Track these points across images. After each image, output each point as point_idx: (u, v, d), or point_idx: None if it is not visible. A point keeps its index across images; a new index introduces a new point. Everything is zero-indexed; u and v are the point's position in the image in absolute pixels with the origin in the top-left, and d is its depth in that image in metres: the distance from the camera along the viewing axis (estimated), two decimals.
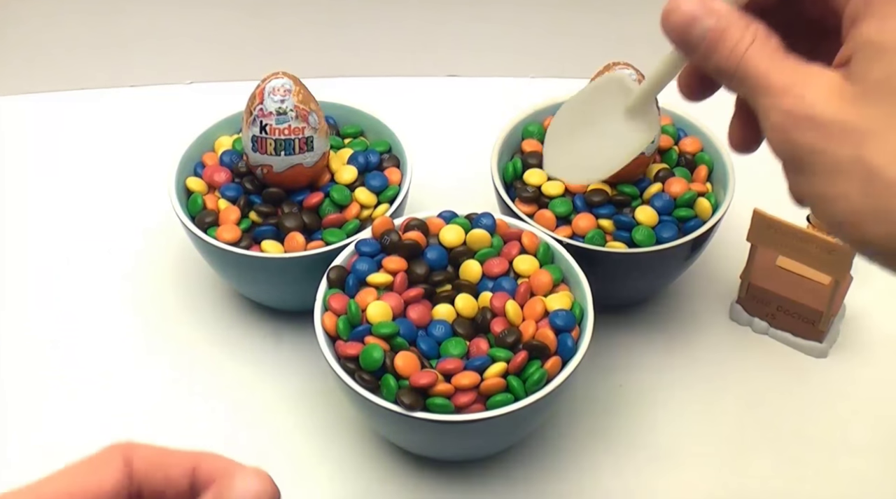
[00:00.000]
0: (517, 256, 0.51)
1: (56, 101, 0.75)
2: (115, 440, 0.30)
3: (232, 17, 0.74)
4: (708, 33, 0.32)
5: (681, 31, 0.32)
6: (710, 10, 0.32)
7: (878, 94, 0.28)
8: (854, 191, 0.29)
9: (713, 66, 0.32)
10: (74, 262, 0.63)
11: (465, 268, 0.51)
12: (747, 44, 0.31)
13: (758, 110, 0.31)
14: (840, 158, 0.29)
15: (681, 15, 0.32)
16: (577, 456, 0.53)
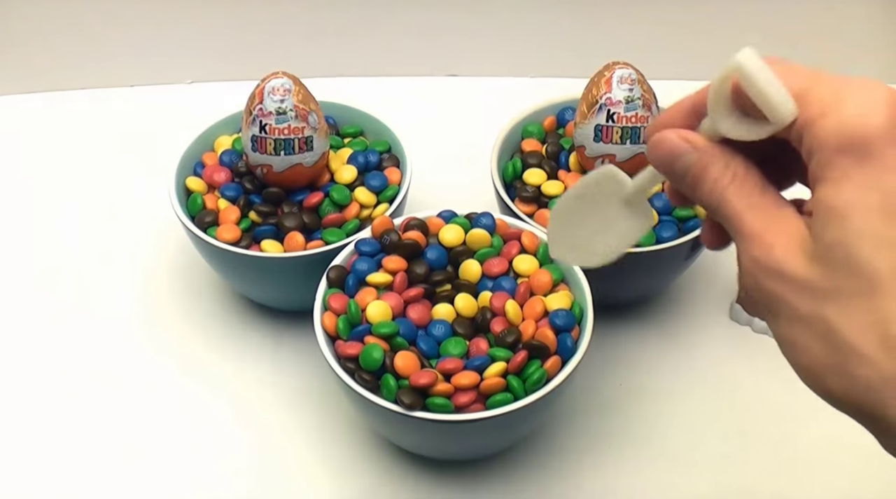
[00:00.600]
0: (517, 256, 0.51)
1: (56, 101, 0.75)
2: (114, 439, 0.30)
3: (232, 17, 0.74)
4: (690, 168, 0.33)
5: (666, 163, 0.34)
6: (693, 146, 0.33)
7: (831, 257, 0.29)
8: (815, 345, 0.30)
9: (697, 198, 0.33)
10: (74, 262, 0.63)
11: (465, 268, 0.51)
12: (726, 183, 0.32)
13: (735, 244, 0.33)
14: (803, 312, 0.30)
15: (665, 149, 0.33)
16: (577, 456, 0.53)
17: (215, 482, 0.52)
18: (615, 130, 0.54)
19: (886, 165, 0.29)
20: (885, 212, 0.28)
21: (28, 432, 0.54)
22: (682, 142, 0.33)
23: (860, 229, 0.29)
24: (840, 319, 0.29)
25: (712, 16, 0.75)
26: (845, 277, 0.29)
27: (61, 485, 0.52)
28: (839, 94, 0.30)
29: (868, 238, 0.28)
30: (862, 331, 0.28)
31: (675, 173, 0.33)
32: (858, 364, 0.28)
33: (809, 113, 0.30)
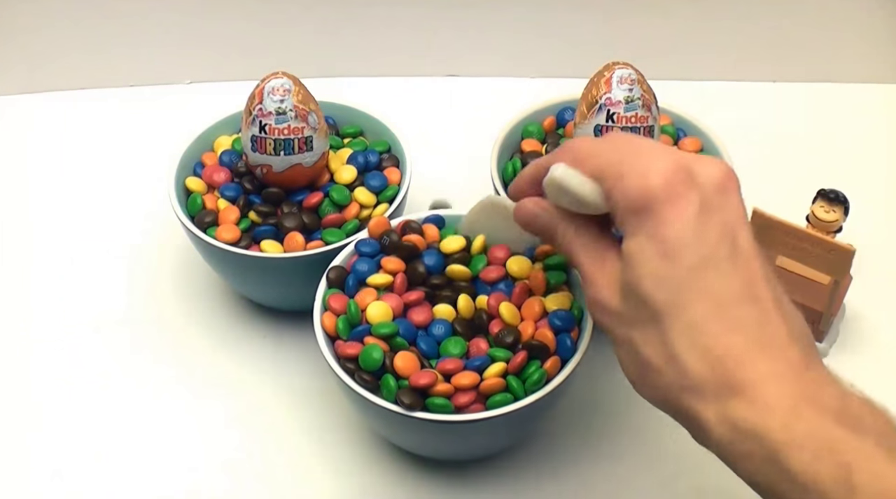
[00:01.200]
0: (509, 258, 0.51)
1: (56, 101, 0.75)
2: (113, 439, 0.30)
3: (232, 17, 0.74)
4: (545, 226, 0.43)
5: (528, 223, 0.44)
6: (544, 209, 0.43)
7: (630, 294, 0.38)
8: (630, 362, 0.39)
9: (555, 248, 0.43)
10: (74, 261, 0.63)
11: (463, 270, 0.51)
12: (570, 237, 0.42)
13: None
14: (619, 336, 0.39)
15: (525, 212, 0.44)
16: (577, 456, 0.53)
17: (215, 482, 0.52)
18: (615, 130, 0.54)
19: (662, 219, 0.36)
20: (661, 256, 0.36)
21: (27, 431, 0.54)
22: (537, 208, 0.43)
23: (643, 271, 0.37)
24: (640, 341, 0.37)
25: (712, 16, 0.75)
26: (639, 309, 0.37)
27: (60, 485, 0.52)
28: (624, 166, 0.38)
29: (649, 277, 0.36)
30: (654, 350, 0.37)
31: (537, 230, 0.43)
32: (656, 376, 0.37)
33: (606, 186, 0.39)
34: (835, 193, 0.59)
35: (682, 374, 0.36)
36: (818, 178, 0.58)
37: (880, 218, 0.64)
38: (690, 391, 0.36)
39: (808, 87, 0.76)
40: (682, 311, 0.36)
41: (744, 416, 0.34)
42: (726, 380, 0.35)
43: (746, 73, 0.76)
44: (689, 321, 0.36)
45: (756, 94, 0.76)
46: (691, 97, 0.65)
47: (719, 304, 0.35)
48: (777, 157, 0.70)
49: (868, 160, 0.71)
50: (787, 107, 0.75)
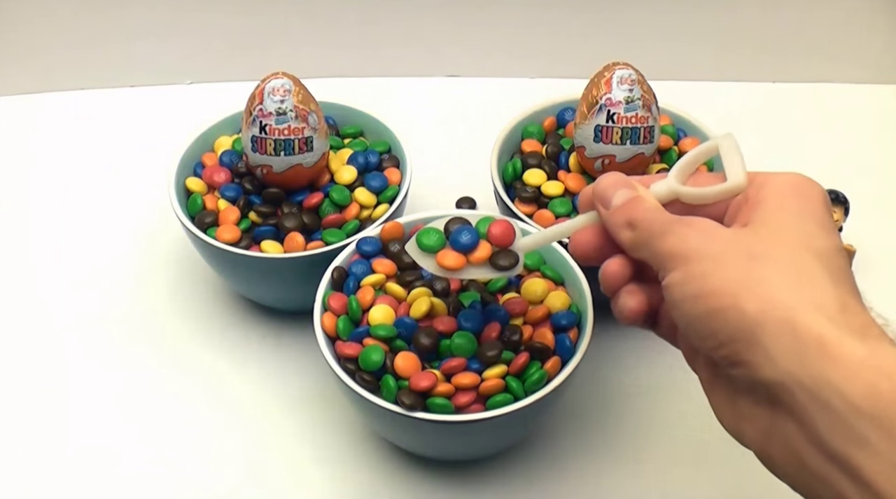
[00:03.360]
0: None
1: (56, 101, 0.75)
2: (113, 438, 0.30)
3: (232, 17, 0.74)
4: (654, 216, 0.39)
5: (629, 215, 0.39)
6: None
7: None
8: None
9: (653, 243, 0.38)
10: (74, 261, 0.63)
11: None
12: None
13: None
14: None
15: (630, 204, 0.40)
16: (577, 456, 0.53)
17: (215, 482, 0.52)
18: (615, 131, 0.54)
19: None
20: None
21: (25, 432, 0.54)
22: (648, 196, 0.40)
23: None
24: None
25: (712, 16, 0.75)
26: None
27: (59, 485, 0.52)
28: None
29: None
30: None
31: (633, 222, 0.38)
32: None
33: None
34: (835, 194, 0.59)
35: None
36: (818, 178, 0.58)
37: (880, 218, 0.64)
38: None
39: (808, 87, 0.76)
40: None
41: None
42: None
43: (746, 73, 0.76)
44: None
45: (756, 94, 0.76)
46: (691, 97, 0.65)
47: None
48: (777, 157, 0.70)
49: (868, 160, 0.71)
50: (787, 107, 0.75)
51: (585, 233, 0.40)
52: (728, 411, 0.37)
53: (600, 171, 0.55)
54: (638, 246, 0.37)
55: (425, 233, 0.45)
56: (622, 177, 0.40)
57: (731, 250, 0.35)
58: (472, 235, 0.44)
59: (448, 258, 0.44)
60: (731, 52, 0.76)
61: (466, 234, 0.44)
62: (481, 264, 0.44)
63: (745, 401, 0.35)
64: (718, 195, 0.38)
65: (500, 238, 0.44)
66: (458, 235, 0.44)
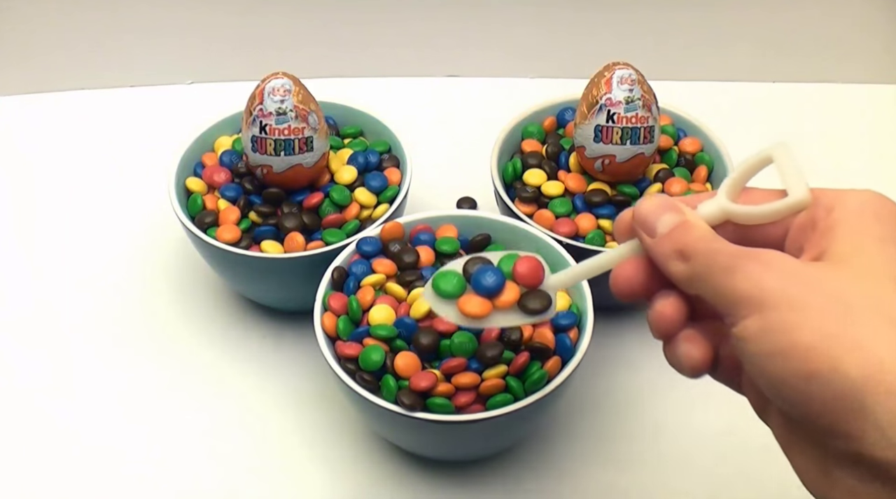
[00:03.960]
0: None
1: (56, 102, 0.75)
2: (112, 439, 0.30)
3: (232, 17, 0.74)
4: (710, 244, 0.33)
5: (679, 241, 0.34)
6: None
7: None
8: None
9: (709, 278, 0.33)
10: (73, 261, 0.63)
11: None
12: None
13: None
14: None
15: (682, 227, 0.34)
16: (577, 456, 0.53)
17: (214, 482, 0.52)
18: (615, 131, 0.54)
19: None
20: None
21: (27, 431, 0.54)
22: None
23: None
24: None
25: (712, 16, 0.75)
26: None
27: (60, 484, 0.52)
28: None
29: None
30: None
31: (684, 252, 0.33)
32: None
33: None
34: None
35: None
36: (818, 178, 0.58)
37: None
38: None
39: (808, 87, 0.76)
40: None
41: None
42: None
43: (746, 73, 0.76)
44: None
45: (756, 94, 0.76)
46: (691, 97, 0.65)
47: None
48: None
49: (868, 160, 0.71)
50: (787, 107, 0.75)
51: (628, 266, 0.35)
52: (818, 478, 0.32)
53: (600, 171, 0.55)
54: (694, 281, 0.32)
55: (443, 277, 0.40)
56: (665, 199, 0.34)
57: (817, 295, 0.29)
58: (497, 277, 0.39)
59: (472, 304, 0.39)
60: (731, 52, 0.76)
61: (491, 275, 0.39)
62: (509, 309, 0.39)
63: (846, 474, 0.30)
64: (779, 213, 0.33)
65: (528, 277, 0.39)
66: (480, 277, 0.39)
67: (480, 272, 0.39)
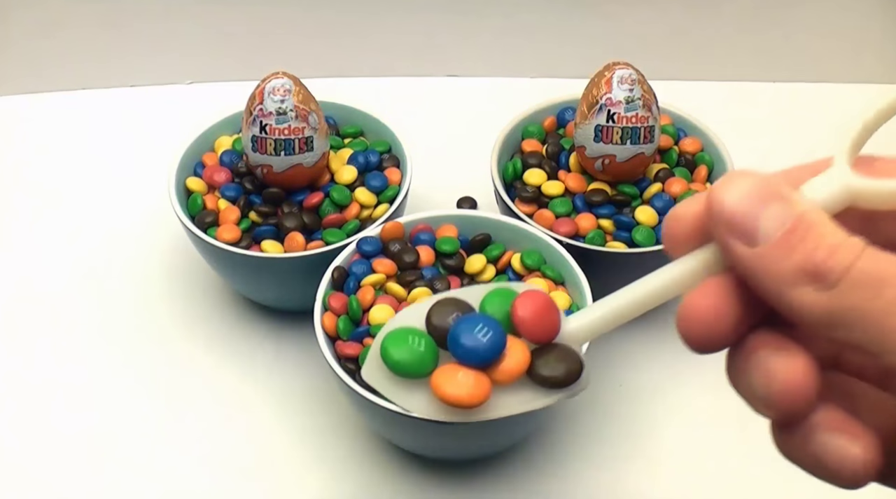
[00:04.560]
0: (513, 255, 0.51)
1: (56, 101, 0.75)
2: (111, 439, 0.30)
3: (232, 17, 0.74)
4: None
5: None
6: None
7: None
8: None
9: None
10: (73, 261, 0.63)
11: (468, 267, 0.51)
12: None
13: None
14: None
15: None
16: (578, 456, 0.53)
17: (214, 482, 0.52)
18: (615, 131, 0.54)
19: None
20: None
21: (25, 432, 0.54)
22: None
23: None
24: None
25: (712, 16, 0.75)
26: None
27: (59, 485, 0.52)
28: None
29: None
30: None
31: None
32: None
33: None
34: None
35: None
36: None
37: None
38: None
39: (808, 87, 0.76)
40: None
41: None
42: None
43: (746, 73, 0.76)
44: None
45: (756, 94, 0.76)
46: (691, 97, 0.65)
47: None
48: (777, 157, 0.70)
49: None
50: (787, 107, 0.75)
51: (707, 296, 0.23)
52: None
53: (600, 170, 0.55)
54: (839, 320, 0.21)
55: (396, 340, 0.26)
56: (761, 180, 0.23)
57: None
58: (493, 330, 0.26)
59: (457, 385, 0.25)
60: (731, 52, 0.76)
61: (482, 328, 0.25)
62: (517, 383, 0.26)
63: None
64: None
65: (536, 326, 0.26)
66: (463, 332, 0.25)
67: (463, 325, 0.25)
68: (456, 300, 0.26)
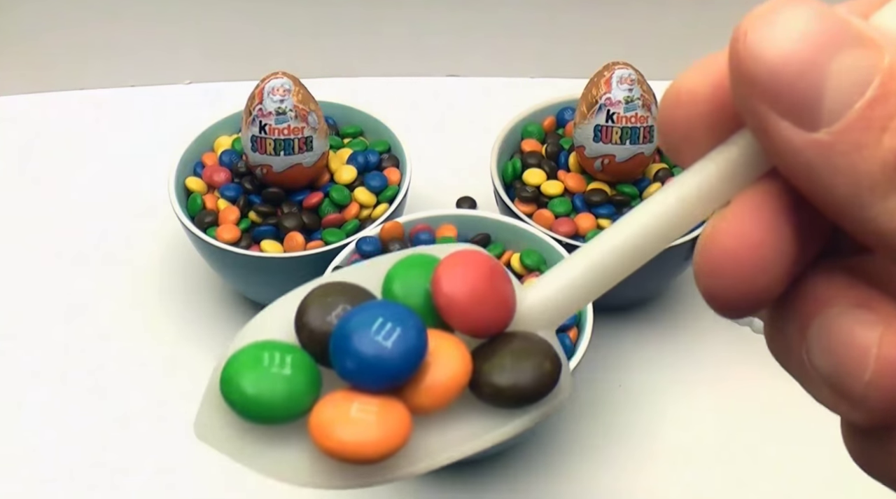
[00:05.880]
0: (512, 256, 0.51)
1: (56, 101, 0.75)
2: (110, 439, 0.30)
3: (232, 17, 0.74)
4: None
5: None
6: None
7: None
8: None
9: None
10: (73, 261, 0.63)
11: None
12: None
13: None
14: None
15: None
16: (577, 456, 0.53)
17: (214, 482, 0.52)
18: (615, 131, 0.54)
19: None
20: None
21: (24, 432, 0.54)
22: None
23: None
24: None
25: (712, 16, 0.75)
26: None
27: (59, 485, 0.52)
28: None
29: None
30: None
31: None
32: None
33: None
34: None
35: None
36: None
37: None
38: None
39: None
40: None
41: None
42: None
43: None
44: None
45: None
46: None
47: None
48: None
49: None
50: None
51: (738, 223, 0.15)
52: None
53: (600, 170, 0.55)
54: None
55: (243, 362, 0.19)
56: (819, 13, 0.14)
57: None
58: (399, 324, 0.16)
59: (344, 424, 0.17)
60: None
61: (381, 323, 0.16)
62: (455, 407, 0.17)
63: None
64: None
65: (474, 307, 0.17)
66: (350, 334, 0.17)
67: (353, 323, 0.17)
68: (344, 285, 0.17)
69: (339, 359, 0.16)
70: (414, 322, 0.16)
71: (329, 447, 0.16)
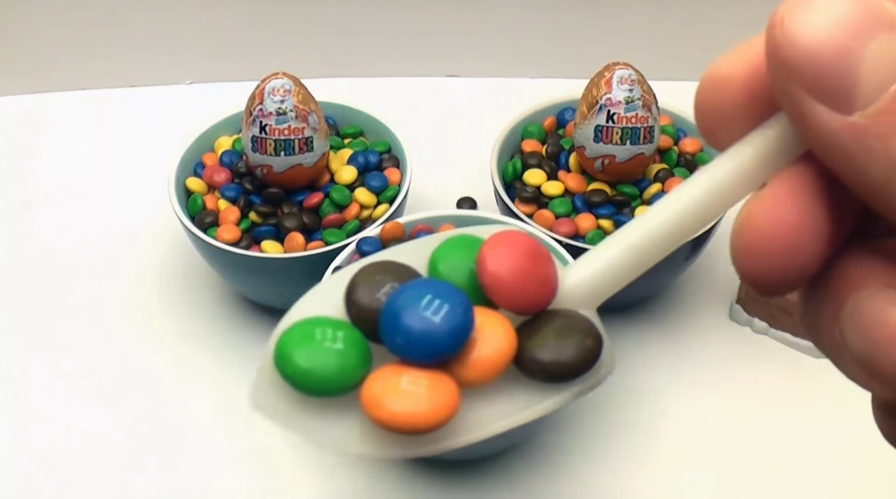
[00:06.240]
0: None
1: (56, 101, 0.75)
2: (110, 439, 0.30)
3: (232, 17, 0.74)
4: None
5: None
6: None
7: None
8: None
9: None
10: (73, 262, 0.63)
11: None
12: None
13: None
14: None
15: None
16: (578, 456, 0.53)
17: (214, 482, 0.52)
18: (615, 131, 0.54)
19: None
20: None
21: (23, 432, 0.54)
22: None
23: None
24: None
25: (712, 16, 0.75)
26: None
27: (58, 486, 0.52)
28: None
29: None
30: None
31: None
32: None
33: None
34: None
35: None
36: None
37: None
38: None
39: None
40: None
41: None
42: None
43: None
44: None
45: None
46: (691, 97, 0.65)
47: None
48: None
49: None
50: None
51: (775, 204, 0.15)
52: None
53: (600, 171, 0.55)
54: None
55: (296, 337, 0.18)
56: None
57: None
58: (447, 301, 0.17)
59: (395, 396, 0.17)
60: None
61: (429, 299, 0.17)
62: (500, 381, 0.19)
63: None
64: None
65: (519, 286, 0.18)
66: (400, 311, 0.17)
67: (402, 300, 0.17)
68: (390, 264, 0.17)
69: (389, 334, 0.17)
70: (461, 299, 0.17)
71: (380, 418, 0.17)
